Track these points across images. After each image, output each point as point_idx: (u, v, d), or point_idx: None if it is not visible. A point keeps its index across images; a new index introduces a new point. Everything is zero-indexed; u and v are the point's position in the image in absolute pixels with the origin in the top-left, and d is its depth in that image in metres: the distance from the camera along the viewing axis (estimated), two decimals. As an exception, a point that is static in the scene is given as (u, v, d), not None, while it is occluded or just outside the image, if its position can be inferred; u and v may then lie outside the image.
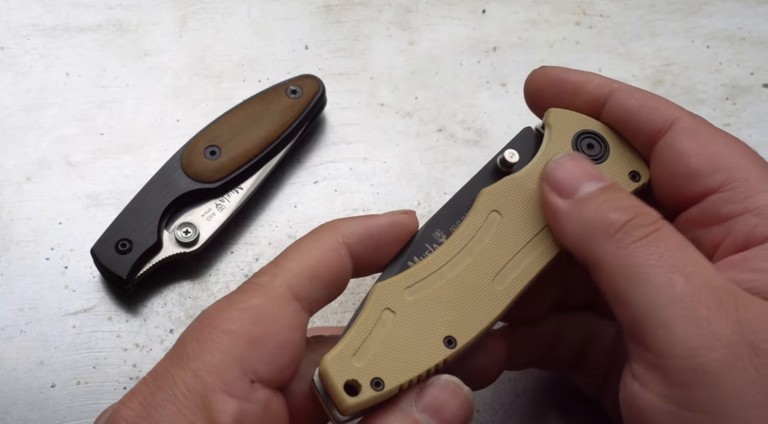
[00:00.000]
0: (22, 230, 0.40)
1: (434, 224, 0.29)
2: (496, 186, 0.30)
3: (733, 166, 0.27)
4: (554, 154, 0.30)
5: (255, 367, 0.24)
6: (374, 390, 0.26)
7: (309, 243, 0.27)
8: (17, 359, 0.37)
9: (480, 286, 0.28)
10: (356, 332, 0.27)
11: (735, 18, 0.47)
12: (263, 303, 0.25)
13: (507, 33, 0.46)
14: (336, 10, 0.47)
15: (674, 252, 0.25)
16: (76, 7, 0.46)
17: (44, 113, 0.43)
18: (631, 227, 0.26)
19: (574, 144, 0.30)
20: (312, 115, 0.42)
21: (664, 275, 0.25)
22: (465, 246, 0.29)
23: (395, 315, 0.27)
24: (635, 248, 0.25)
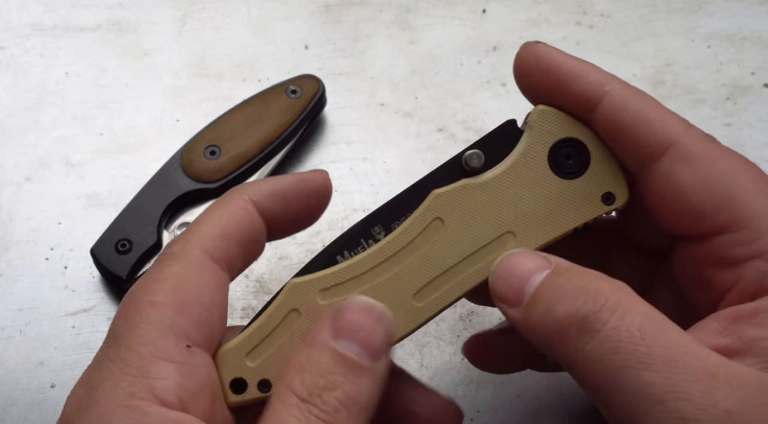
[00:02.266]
0: (22, 230, 0.40)
1: (376, 217, 0.28)
2: (449, 190, 0.27)
3: (738, 201, 0.25)
4: (527, 162, 0.27)
5: (187, 331, 0.24)
6: (260, 392, 0.26)
7: (217, 206, 0.27)
8: (17, 360, 0.37)
9: (398, 301, 0.27)
10: (257, 329, 0.26)
11: (736, 18, 0.47)
12: (180, 269, 0.25)
13: (507, 33, 0.46)
14: (336, 9, 0.47)
15: (639, 341, 0.22)
16: (76, 7, 0.46)
17: (44, 113, 0.43)
18: (582, 322, 0.23)
19: (551, 153, 0.27)
20: (312, 115, 0.42)
21: (636, 376, 0.22)
22: (396, 253, 0.27)
23: (301, 318, 0.26)
24: (595, 348, 0.23)
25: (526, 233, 0.27)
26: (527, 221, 0.27)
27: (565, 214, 0.27)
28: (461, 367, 0.37)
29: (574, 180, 0.27)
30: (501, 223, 0.27)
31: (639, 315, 0.23)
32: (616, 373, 0.22)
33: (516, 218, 0.27)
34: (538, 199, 0.27)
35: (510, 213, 0.27)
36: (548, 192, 0.27)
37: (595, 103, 0.26)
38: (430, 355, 0.38)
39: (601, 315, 0.23)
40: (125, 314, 0.24)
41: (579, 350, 0.23)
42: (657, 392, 0.22)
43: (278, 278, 0.39)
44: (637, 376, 0.22)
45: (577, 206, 0.27)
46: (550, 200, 0.27)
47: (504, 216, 0.27)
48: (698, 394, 0.21)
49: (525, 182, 0.27)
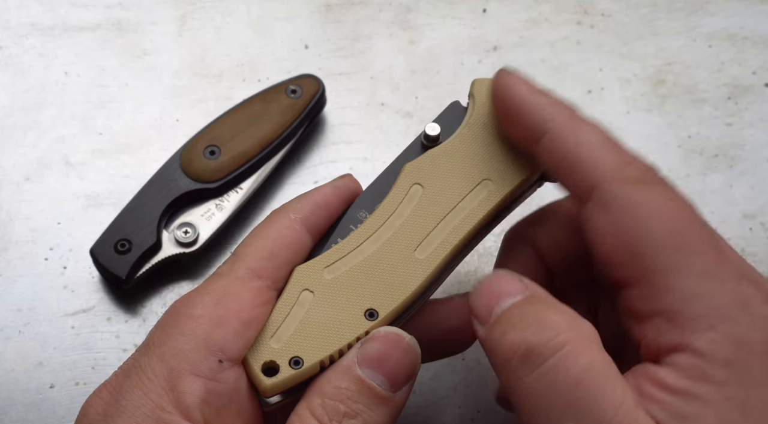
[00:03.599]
0: (21, 230, 0.40)
1: (359, 204, 0.30)
2: (418, 160, 0.30)
3: (645, 254, 0.24)
4: (478, 120, 0.30)
5: (221, 345, 0.24)
6: (293, 369, 0.26)
7: (262, 228, 0.28)
8: (16, 360, 0.37)
9: (401, 257, 0.28)
10: (274, 315, 0.27)
11: (737, 17, 0.47)
12: (224, 285, 0.26)
13: (508, 32, 0.46)
14: (336, 9, 0.46)
15: (573, 388, 0.22)
16: (75, 7, 0.46)
17: (43, 113, 0.43)
18: (525, 353, 0.23)
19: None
20: (312, 115, 0.42)
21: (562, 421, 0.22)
22: (386, 221, 0.29)
23: (314, 295, 0.27)
24: (531, 382, 0.23)
25: (501, 176, 0.29)
26: (498, 166, 0.30)
27: (525, 155, 0.29)
28: (461, 367, 0.37)
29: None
30: (475, 173, 0.29)
31: (583, 361, 0.22)
32: (546, 413, 0.22)
33: (487, 167, 0.30)
34: (499, 148, 0.30)
35: (480, 164, 0.30)
36: (504, 140, 0.30)
37: (537, 140, 0.27)
38: (431, 355, 0.37)
39: (545, 350, 0.23)
40: (164, 323, 0.25)
41: (518, 380, 0.23)
42: None
43: (278, 278, 0.39)
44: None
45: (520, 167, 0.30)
46: (509, 146, 0.30)
47: (475, 168, 0.30)
48: None
49: (483, 136, 0.30)
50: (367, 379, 0.25)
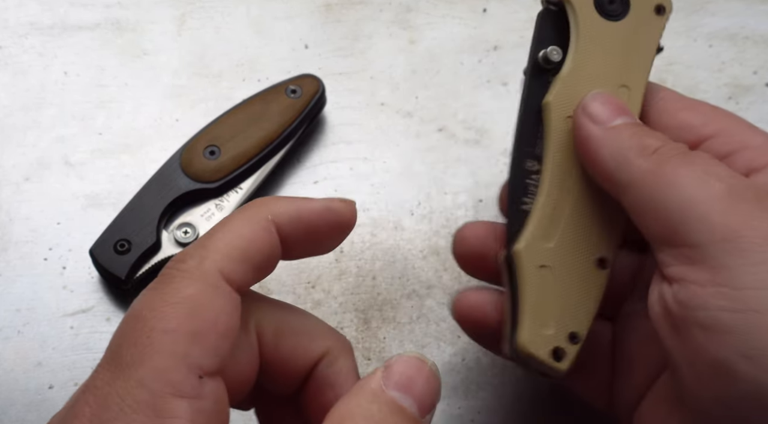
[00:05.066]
0: (21, 230, 0.39)
1: (519, 154, 0.30)
2: (556, 91, 0.30)
3: (719, 118, 0.30)
4: (588, 31, 0.31)
5: (200, 361, 0.23)
6: (574, 344, 0.28)
7: (237, 221, 0.26)
8: (15, 360, 0.37)
9: (601, 198, 0.29)
10: (530, 303, 0.28)
11: (737, 17, 0.47)
12: (196, 293, 0.24)
13: (508, 32, 0.46)
14: (336, 9, 0.46)
15: (707, 164, 0.26)
16: (74, 6, 0.46)
17: (43, 113, 0.43)
18: (666, 149, 0.27)
19: (597, 9, 0.31)
20: (312, 115, 0.41)
21: (700, 178, 0.26)
22: (563, 166, 0.30)
23: (550, 268, 0.29)
24: (671, 163, 0.26)
25: (633, 78, 0.31)
26: (625, 69, 0.31)
27: (643, 44, 0.31)
28: (461, 368, 0.37)
29: (628, 16, 0.31)
30: (612, 84, 0.30)
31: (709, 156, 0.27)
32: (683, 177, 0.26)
33: (616, 72, 0.31)
34: (618, 50, 0.31)
35: (611, 74, 0.31)
36: (620, 39, 0.31)
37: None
38: (430, 355, 0.37)
39: (681, 149, 0.27)
40: (134, 338, 0.23)
41: (656, 164, 0.27)
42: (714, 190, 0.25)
43: (278, 277, 0.39)
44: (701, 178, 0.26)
45: (646, 32, 0.31)
46: (627, 43, 0.31)
47: (610, 79, 0.30)
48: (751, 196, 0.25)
49: (599, 46, 0.31)
50: (399, 401, 0.24)
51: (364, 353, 0.37)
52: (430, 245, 0.40)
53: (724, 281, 0.24)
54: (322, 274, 0.39)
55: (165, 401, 0.22)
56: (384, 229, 0.40)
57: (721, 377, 0.24)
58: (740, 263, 0.24)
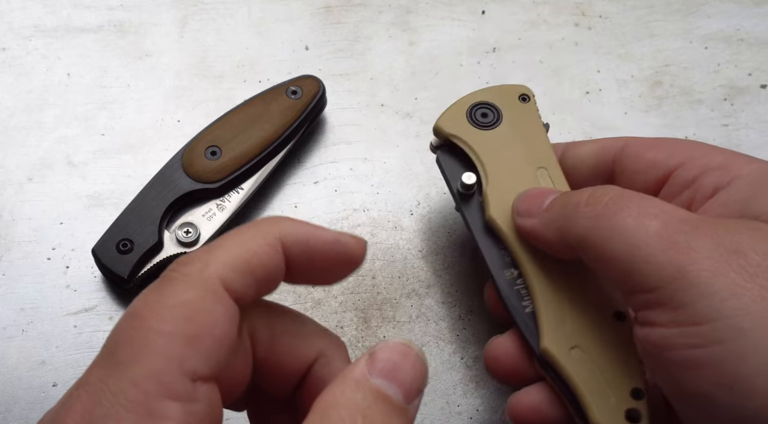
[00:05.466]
0: (24, 230, 0.40)
1: (495, 272, 0.32)
2: (492, 207, 0.33)
3: (682, 149, 0.32)
4: (483, 149, 0.34)
5: (194, 366, 0.23)
6: (640, 400, 0.29)
7: (246, 234, 0.26)
8: (19, 359, 0.37)
9: (583, 269, 0.31)
10: (582, 387, 0.29)
11: (733, 19, 0.47)
12: (195, 298, 0.24)
13: (506, 34, 0.46)
14: (336, 11, 0.47)
15: (640, 204, 0.27)
16: (78, 8, 0.46)
17: (46, 114, 0.43)
18: (596, 196, 0.29)
19: (477, 126, 0.35)
20: (312, 116, 0.42)
21: (636, 221, 0.27)
22: (540, 265, 0.32)
23: (579, 347, 0.30)
24: (606, 212, 0.28)
25: (543, 158, 0.34)
26: (532, 155, 0.34)
27: (532, 130, 0.35)
28: (460, 366, 0.37)
29: (504, 118, 0.35)
30: (529, 173, 0.34)
31: (640, 194, 0.28)
32: (621, 221, 0.27)
33: (526, 162, 0.34)
34: (517, 146, 0.34)
35: (521, 167, 0.34)
36: (512, 138, 0.35)
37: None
38: (430, 354, 0.38)
39: (612, 192, 0.28)
40: (130, 338, 0.23)
41: (593, 217, 0.28)
42: (652, 231, 0.26)
43: (279, 277, 0.39)
44: (637, 221, 0.27)
45: (526, 120, 0.35)
46: (519, 137, 0.35)
47: (523, 172, 0.34)
48: (689, 228, 0.26)
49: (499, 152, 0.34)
50: (383, 389, 0.24)
51: (363, 352, 0.38)
52: (430, 245, 0.40)
53: (684, 319, 0.25)
54: (323, 273, 0.40)
55: (157, 402, 0.22)
56: (384, 229, 0.41)
57: (705, 407, 0.25)
58: (694, 298, 0.25)
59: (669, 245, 0.26)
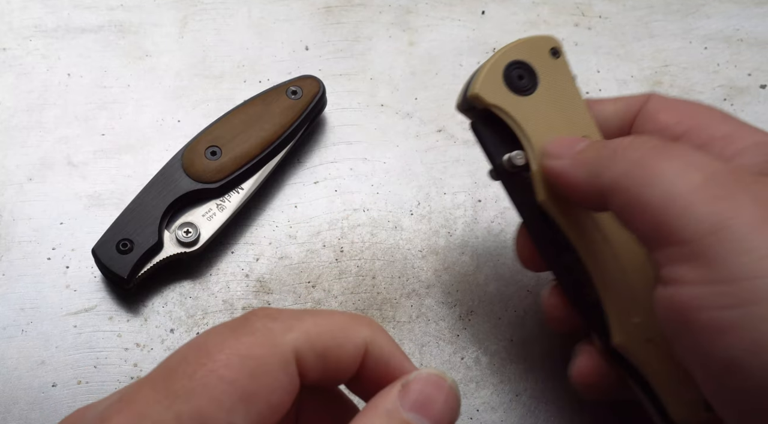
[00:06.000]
0: (24, 230, 0.40)
1: (549, 256, 0.31)
2: (543, 190, 0.30)
3: (692, 115, 0.30)
4: (527, 120, 0.31)
5: (239, 422, 0.22)
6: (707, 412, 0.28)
7: (339, 321, 0.25)
8: (18, 359, 0.37)
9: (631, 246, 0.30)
10: (661, 383, 0.28)
11: (733, 19, 0.47)
12: (266, 358, 0.23)
13: (506, 34, 0.46)
14: (336, 11, 0.47)
15: (686, 154, 0.26)
16: (78, 9, 0.46)
17: (46, 114, 0.43)
18: (636, 143, 0.27)
19: (516, 92, 0.31)
20: (312, 116, 0.42)
21: (679, 170, 0.25)
22: (601, 245, 0.30)
23: (653, 339, 0.29)
24: (646, 157, 0.26)
25: (583, 126, 0.31)
26: (572, 123, 0.31)
27: (568, 93, 0.32)
28: (461, 366, 0.38)
29: (541, 82, 0.31)
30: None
31: (682, 145, 0.27)
32: (662, 170, 0.25)
33: (569, 132, 0.31)
34: (557, 114, 0.31)
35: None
36: (552, 104, 0.31)
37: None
38: (430, 354, 0.38)
39: (652, 141, 0.27)
40: (193, 371, 0.22)
41: (631, 162, 0.26)
42: (694, 181, 0.25)
43: (278, 277, 0.39)
44: (679, 170, 0.25)
45: (562, 82, 0.32)
46: (558, 103, 0.31)
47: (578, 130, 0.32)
48: (730, 180, 0.25)
49: (542, 123, 0.31)
50: (414, 423, 0.24)
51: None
52: (430, 245, 0.40)
53: (717, 276, 0.23)
54: (323, 273, 0.40)
55: None
56: (384, 229, 0.41)
57: (733, 375, 0.23)
58: (730, 254, 0.23)
59: (710, 198, 0.24)
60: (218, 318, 0.38)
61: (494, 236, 0.40)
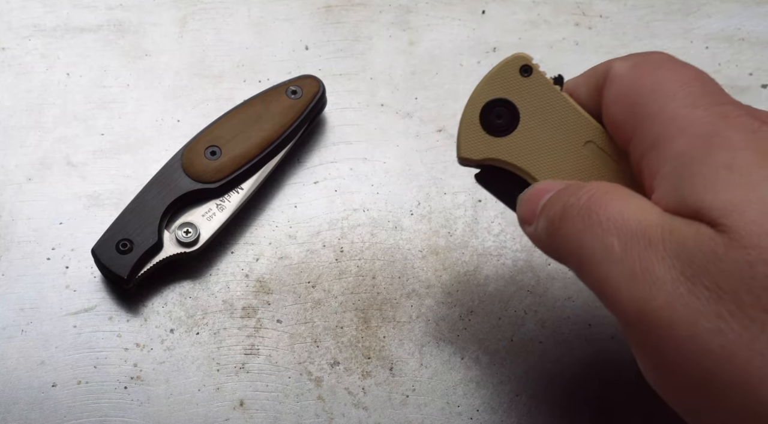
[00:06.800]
0: (23, 230, 0.40)
1: None
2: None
3: (642, 110, 0.28)
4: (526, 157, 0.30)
5: None
6: None
7: None
8: (18, 359, 0.37)
9: None
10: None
11: (734, 19, 0.47)
12: None
13: (507, 34, 0.46)
14: (336, 10, 0.47)
15: (604, 214, 0.25)
16: (77, 8, 0.46)
17: (45, 114, 0.43)
18: (566, 210, 0.26)
19: (486, 128, 0.31)
20: (312, 116, 0.42)
21: (601, 241, 0.25)
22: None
23: None
24: (572, 226, 0.26)
25: (586, 131, 0.30)
26: (571, 134, 0.30)
27: (557, 106, 0.30)
28: (461, 366, 0.38)
29: (522, 115, 0.30)
30: (574, 149, 0.30)
31: (604, 195, 0.26)
32: (589, 243, 0.25)
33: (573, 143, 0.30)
34: (554, 136, 0.30)
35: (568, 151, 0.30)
36: (544, 132, 0.30)
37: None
38: (430, 354, 0.38)
39: (579, 205, 0.26)
40: None
41: (565, 238, 0.26)
42: (615, 252, 0.24)
43: (278, 277, 0.39)
44: (602, 241, 0.25)
45: (545, 99, 0.30)
46: (554, 124, 0.30)
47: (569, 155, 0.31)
48: (646, 244, 0.24)
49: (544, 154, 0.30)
50: None
51: (363, 352, 0.38)
52: (430, 245, 0.40)
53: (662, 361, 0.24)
54: (323, 273, 0.39)
55: None
56: (384, 229, 0.41)
57: None
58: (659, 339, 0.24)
59: (630, 277, 0.24)
60: (218, 318, 0.38)
61: (494, 236, 0.40)
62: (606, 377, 0.37)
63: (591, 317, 0.39)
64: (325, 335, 0.38)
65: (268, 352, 0.38)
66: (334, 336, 0.38)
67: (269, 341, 0.38)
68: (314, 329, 0.38)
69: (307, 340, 0.38)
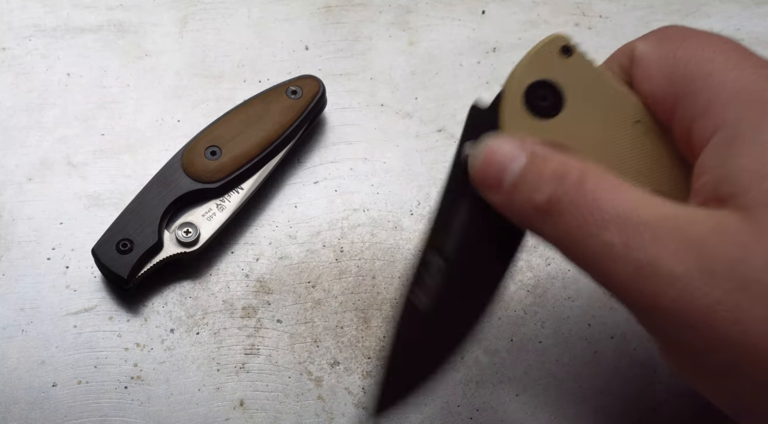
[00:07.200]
0: (24, 230, 0.40)
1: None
2: None
3: (684, 80, 0.27)
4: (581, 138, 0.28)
5: None
6: None
7: None
8: (18, 359, 0.37)
9: None
10: None
11: (733, 19, 0.47)
12: None
13: (507, 34, 0.46)
14: (336, 11, 0.47)
15: (598, 210, 0.24)
16: (77, 8, 0.46)
17: (45, 114, 0.43)
18: (555, 202, 0.25)
19: (531, 110, 0.28)
20: (312, 116, 0.42)
21: (597, 240, 0.24)
22: None
23: None
24: (565, 223, 0.25)
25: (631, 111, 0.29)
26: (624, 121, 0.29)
27: (601, 86, 0.29)
28: (460, 366, 0.38)
29: (568, 100, 0.28)
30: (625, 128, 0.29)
31: (597, 185, 0.25)
32: (582, 239, 0.24)
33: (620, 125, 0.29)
34: (598, 119, 0.28)
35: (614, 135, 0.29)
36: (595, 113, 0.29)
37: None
38: (430, 354, 0.38)
39: (568, 196, 0.25)
40: None
41: (555, 228, 0.25)
42: (615, 252, 0.23)
43: (278, 277, 0.39)
44: (598, 240, 0.24)
45: (590, 81, 0.29)
46: (600, 110, 0.29)
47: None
48: (651, 240, 0.23)
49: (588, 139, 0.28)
50: None
51: (364, 352, 0.38)
52: (430, 245, 0.40)
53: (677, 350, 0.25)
54: (323, 273, 0.40)
55: None
56: (384, 229, 0.41)
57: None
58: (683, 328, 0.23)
59: (635, 272, 0.23)
60: (218, 318, 0.38)
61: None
62: (606, 376, 0.37)
63: (591, 317, 0.39)
64: (325, 334, 0.38)
65: (268, 352, 0.38)
66: (334, 336, 0.38)
67: (269, 340, 0.38)
68: (314, 329, 0.38)
69: (307, 340, 0.38)
